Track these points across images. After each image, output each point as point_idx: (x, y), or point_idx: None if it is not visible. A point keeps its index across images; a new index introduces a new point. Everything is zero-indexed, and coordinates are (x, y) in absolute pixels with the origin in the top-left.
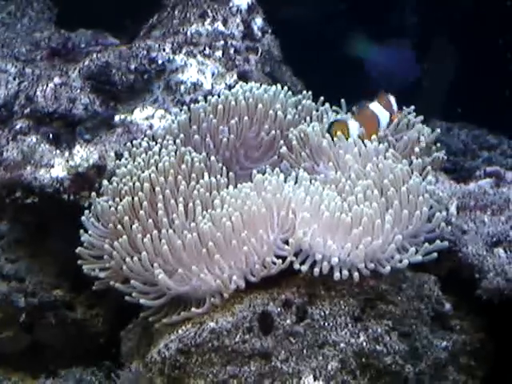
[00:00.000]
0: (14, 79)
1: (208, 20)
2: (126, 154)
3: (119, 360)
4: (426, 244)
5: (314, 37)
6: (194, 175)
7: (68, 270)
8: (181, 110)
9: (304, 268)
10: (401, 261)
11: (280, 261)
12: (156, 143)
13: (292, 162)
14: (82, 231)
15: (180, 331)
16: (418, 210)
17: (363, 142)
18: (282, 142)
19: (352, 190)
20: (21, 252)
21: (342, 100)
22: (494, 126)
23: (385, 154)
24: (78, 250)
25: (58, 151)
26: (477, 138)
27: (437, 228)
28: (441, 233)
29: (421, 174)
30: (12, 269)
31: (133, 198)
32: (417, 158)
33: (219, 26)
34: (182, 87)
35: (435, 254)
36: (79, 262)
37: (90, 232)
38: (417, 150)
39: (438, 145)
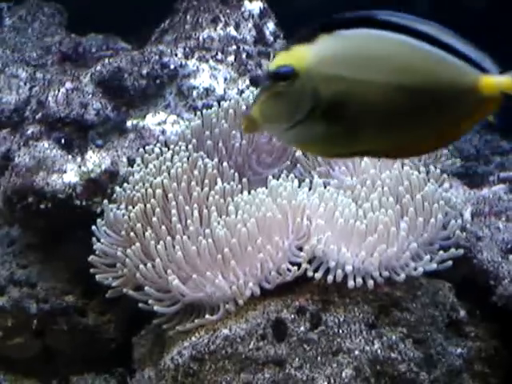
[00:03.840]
0: (25, 84)
1: (220, 25)
2: (138, 161)
3: (131, 366)
4: (441, 252)
5: None
6: (206, 181)
7: (80, 275)
8: (195, 115)
9: (318, 275)
10: (415, 269)
11: (295, 268)
12: (168, 149)
13: (307, 167)
14: (94, 239)
15: (193, 338)
16: (433, 218)
17: None
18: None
19: (367, 196)
20: (32, 257)
21: None
22: (507, 132)
23: (403, 161)
24: (91, 258)
25: (70, 156)
26: (489, 143)
27: (452, 235)
28: (456, 240)
29: (437, 181)
30: (23, 274)
31: (145, 205)
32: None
33: (231, 30)
34: (195, 92)
35: (450, 262)
36: (92, 270)
37: (102, 240)
38: None
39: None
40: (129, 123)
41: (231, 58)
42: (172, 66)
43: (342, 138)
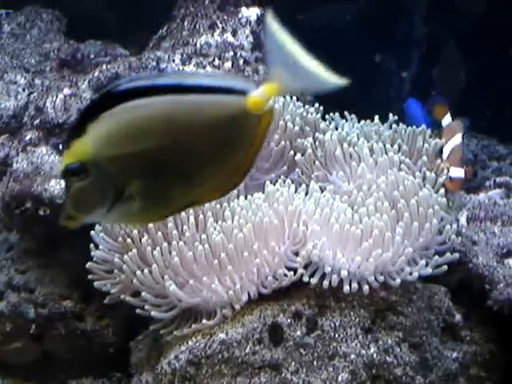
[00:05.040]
0: (24, 90)
1: (217, 31)
2: None
3: (129, 371)
4: (436, 256)
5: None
6: None
7: (78, 280)
8: None
9: (313, 281)
10: (411, 273)
11: (292, 273)
12: None
13: (305, 171)
14: (92, 246)
15: (190, 342)
16: (428, 223)
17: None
18: (292, 152)
19: (363, 201)
20: (30, 263)
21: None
22: (504, 136)
23: (399, 166)
24: (89, 265)
25: None
26: (486, 147)
27: (447, 240)
28: (451, 245)
29: (433, 186)
30: (22, 279)
31: None
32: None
33: (229, 37)
34: None
35: (445, 267)
36: (90, 276)
37: (100, 247)
38: (424, 158)
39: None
40: None
41: (228, 64)
42: None
43: (159, 203)
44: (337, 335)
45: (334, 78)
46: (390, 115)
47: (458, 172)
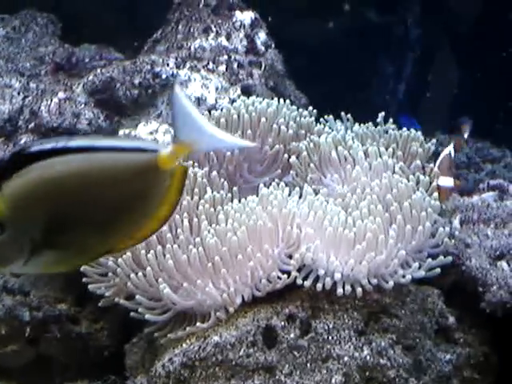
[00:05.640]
0: (19, 94)
1: (212, 35)
2: None
3: (124, 373)
4: (430, 259)
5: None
6: (196, 190)
7: (72, 283)
8: None
9: (307, 283)
10: (404, 276)
11: (285, 276)
12: None
13: (300, 173)
14: None
15: (184, 345)
16: (421, 225)
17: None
18: (286, 155)
19: (357, 204)
20: None
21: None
22: (498, 139)
23: (394, 169)
24: (83, 268)
25: None
26: (480, 150)
27: (440, 243)
28: (444, 248)
29: (426, 190)
30: (17, 283)
31: None
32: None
33: (223, 40)
34: None
35: (438, 270)
36: (84, 279)
37: None
38: (418, 162)
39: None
40: (121, 132)
41: (222, 68)
42: (164, 76)
43: (75, 253)
44: (330, 337)
45: (239, 141)
46: (390, 120)
47: (446, 181)
